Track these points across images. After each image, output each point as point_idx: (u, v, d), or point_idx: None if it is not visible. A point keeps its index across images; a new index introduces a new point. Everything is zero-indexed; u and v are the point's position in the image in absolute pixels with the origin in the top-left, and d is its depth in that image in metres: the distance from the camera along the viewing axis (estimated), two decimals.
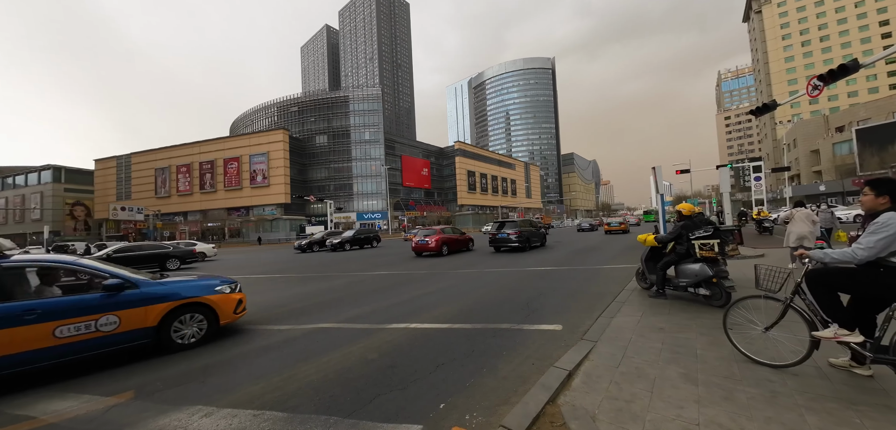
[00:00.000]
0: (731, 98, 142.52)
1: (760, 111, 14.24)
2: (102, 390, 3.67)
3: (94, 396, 3.53)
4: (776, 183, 66.92)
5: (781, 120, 74.03)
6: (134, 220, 61.63)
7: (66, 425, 3.03)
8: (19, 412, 3.24)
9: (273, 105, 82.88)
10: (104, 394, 3.56)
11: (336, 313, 6.48)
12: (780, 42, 78.85)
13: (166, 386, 3.69)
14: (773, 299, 3.30)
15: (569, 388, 3.14)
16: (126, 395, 3.53)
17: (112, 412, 3.20)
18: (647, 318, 4.97)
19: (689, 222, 5.73)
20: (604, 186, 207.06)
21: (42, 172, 73.46)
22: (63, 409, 3.29)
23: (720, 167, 15.14)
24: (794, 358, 3.12)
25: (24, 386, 3.85)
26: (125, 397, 3.49)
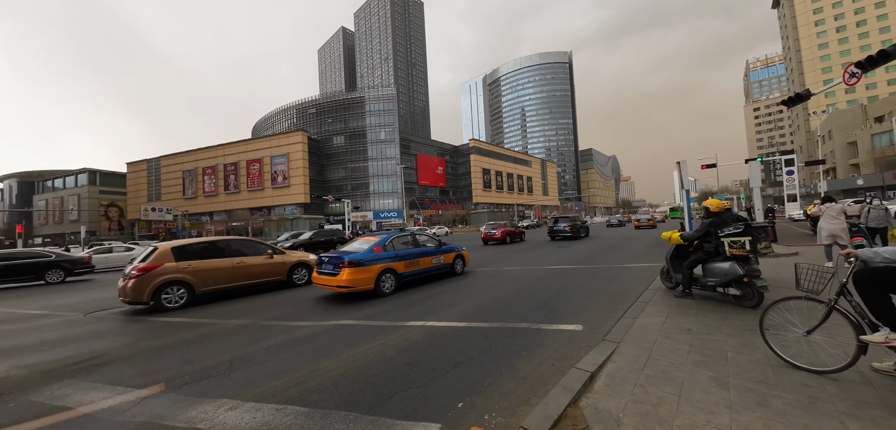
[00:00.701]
0: (760, 88, 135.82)
1: (792, 102, 13.46)
2: (135, 382, 3.83)
3: (128, 388, 3.69)
4: (810, 177, 63.47)
5: (815, 110, 69.92)
6: (163, 220, 64.62)
7: (101, 415, 3.17)
8: (57, 404, 3.42)
9: (292, 107, 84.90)
10: (136, 387, 3.72)
11: (355, 311, 6.55)
12: (813, 28, 74.43)
13: (194, 379, 3.82)
14: (816, 301, 3.10)
15: (591, 390, 3.05)
16: (157, 388, 3.67)
17: (144, 404, 3.34)
18: (673, 318, 4.79)
19: (718, 219, 5.47)
20: (624, 182, 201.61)
21: (79, 175, 77.92)
22: (98, 400, 3.45)
23: (750, 161, 14.43)
24: (838, 364, 2.93)
25: (61, 378, 4.07)
26: (156, 389, 3.64)
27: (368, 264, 7.79)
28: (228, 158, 73.05)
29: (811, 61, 74.37)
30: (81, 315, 7.66)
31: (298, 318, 6.26)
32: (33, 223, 78.60)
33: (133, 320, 6.86)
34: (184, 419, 3.00)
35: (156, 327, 6.27)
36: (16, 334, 6.36)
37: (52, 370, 4.32)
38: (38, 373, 4.26)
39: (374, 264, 7.88)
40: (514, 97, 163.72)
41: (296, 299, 8.14)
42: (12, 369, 4.45)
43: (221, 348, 4.85)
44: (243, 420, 2.92)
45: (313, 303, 7.53)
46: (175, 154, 78.88)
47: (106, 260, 19.76)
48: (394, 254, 8.44)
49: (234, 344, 4.96)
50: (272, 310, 7.06)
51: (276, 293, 8.92)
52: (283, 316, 6.46)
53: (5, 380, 4.09)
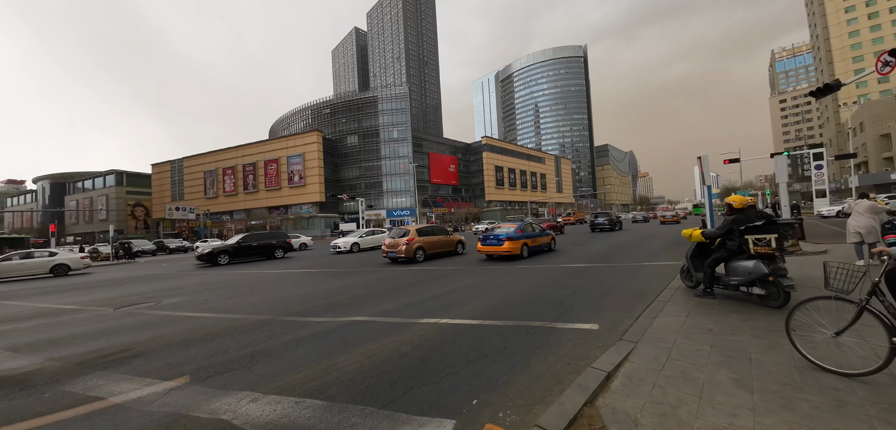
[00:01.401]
0: (786, 79, 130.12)
1: (821, 92, 12.83)
2: (162, 374, 4.00)
3: (155, 380, 3.86)
4: (840, 172, 60.51)
5: (846, 102, 66.48)
6: (187, 219, 66.84)
7: (130, 405, 3.32)
8: (90, 394, 3.60)
9: (307, 108, 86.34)
10: (163, 378, 3.88)
11: (370, 307, 6.65)
12: (843, 15, 70.58)
13: (217, 372, 3.95)
14: (846, 301, 2.97)
15: (608, 390, 3.01)
16: (182, 379, 3.82)
17: (170, 395, 3.48)
18: (693, 318, 4.67)
19: (741, 216, 5.29)
20: (641, 178, 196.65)
21: (107, 176, 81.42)
22: (128, 391, 3.62)
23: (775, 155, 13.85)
24: (869, 366, 2.80)
25: (93, 369, 4.28)
26: (181, 381, 3.78)
27: (517, 239, 12.72)
28: (247, 159, 74.95)
29: (841, 50, 70.61)
30: (111, 310, 8.02)
31: (316, 314, 6.39)
32: (65, 223, 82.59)
33: (159, 316, 7.14)
34: (208, 410, 3.12)
35: (180, 321, 6.51)
36: (49, 327, 6.72)
37: (85, 362, 4.55)
38: (71, 365, 4.49)
39: (519, 239, 12.77)
40: (527, 93, 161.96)
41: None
42: (47, 360, 4.71)
43: (243, 342, 5.00)
44: (264, 412, 3.01)
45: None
46: (197, 155, 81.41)
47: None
48: (525, 235, 13.32)
49: (255, 339, 5.11)
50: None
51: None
52: (302, 312, 6.60)
53: (41, 371, 4.33)
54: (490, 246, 12.67)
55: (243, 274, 13.81)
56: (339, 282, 10.27)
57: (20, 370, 4.39)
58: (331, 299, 7.79)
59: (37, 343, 5.62)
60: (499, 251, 12.41)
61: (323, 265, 15.38)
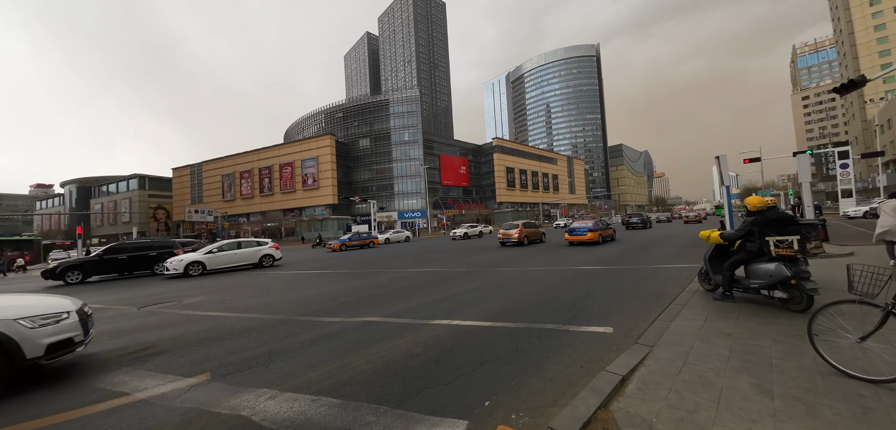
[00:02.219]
0: (809, 75, 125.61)
1: (846, 89, 12.37)
2: (184, 371, 4.14)
3: (178, 376, 4.00)
4: (867, 170, 57.98)
5: (872, 98, 63.73)
6: (205, 221, 68.71)
7: (155, 400, 3.46)
8: (117, 389, 3.76)
9: (321, 112, 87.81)
10: (185, 375, 4.02)
11: (383, 308, 6.72)
12: (868, 8, 67.60)
13: (236, 369, 4.07)
14: (871, 305, 2.88)
15: (622, 394, 2.98)
16: (203, 376, 3.95)
17: (192, 391, 3.61)
18: (711, 322, 4.57)
19: (760, 217, 5.15)
20: (657, 178, 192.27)
21: (130, 180, 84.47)
22: (152, 387, 3.76)
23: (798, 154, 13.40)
24: (895, 372, 2.70)
25: (119, 366, 4.46)
26: (202, 378, 3.91)
27: (595, 231, 18.04)
28: (263, 163, 76.64)
29: (866, 44, 67.71)
30: (135, 309, 8.33)
31: (330, 314, 6.50)
32: (90, 225, 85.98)
33: (180, 315, 7.38)
34: (228, 405, 3.22)
35: (200, 320, 6.72)
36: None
37: (111, 359, 4.75)
38: (99, 362, 4.70)
39: (595, 231, 18.03)
40: (538, 94, 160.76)
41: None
42: (76, 357, 4.93)
43: (260, 341, 5.13)
44: (282, 409, 3.09)
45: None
46: (215, 160, 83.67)
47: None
48: (598, 228, 18.51)
49: (272, 338, 5.23)
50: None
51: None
52: (317, 312, 6.73)
53: (72, 368, 4.54)
54: (576, 236, 18.23)
55: (259, 275, 14.12)
56: (352, 283, 10.41)
57: (51, 367, 4.61)
58: (344, 299, 7.91)
59: None
60: (583, 239, 17.95)
61: (335, 266, 15.58)
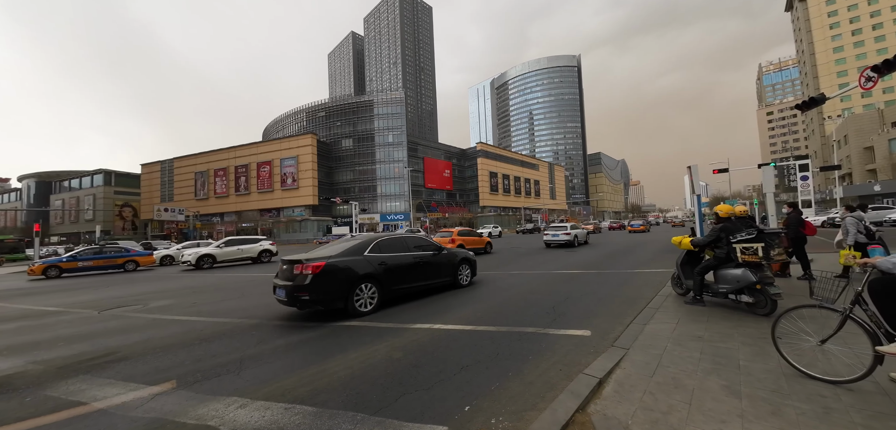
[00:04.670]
0: (773, 92, 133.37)
1: (807, 106, 13.20)
2: (147, 379, 3.91)
3: (140, 384, 3.77)
4: (825, 182, 62.02)
5: (830, 115, 68.25)
6: (176, 220, 65.80)
7: (114, 410, 3.24)
8: (72, 399, 3.51)
9: (302, 111, 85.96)
10: (148, 383, 3.79)
11: None
12: (828, 31, 72.83)
13: (205, 377, 3.88)
14: (830, 310, 3.04)
15: (599, 396, 3.02)
16: (168, 384, 3.74)
17: (156, 400, 3.40)
18: (683, 325, 4.72)
19: (729, 225, 5.39)
20: (633, 186, 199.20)
21: (94, 176, 79.88)
22: (111, 396, 3.53)
23: (762, 166, 14.16)
24: (853, 373, 2.86)
25: (76, 373, 4.17)
26: (168, 386, 3.70)
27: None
28: (239, 161, 74.20)
29: (826, 64, 72.75)
30: (96, 313, 7.84)
31: (308, 318, 6.31)
32: (50, 223, 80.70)
33: (145, 319, 6.99)
34: (195, 416, 3.05)
35: (168, 324, 6.38)
36: (33, 330, 6.54)
37: (68, 366, 4.43)
38: (54, 369, 4.37)
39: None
40: (521, 101, 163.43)
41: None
42: (29, 364, 4.58)
43: (232, 346, 4.92)
44: (253, 418, 2.96)
45: None
46: (188, 156, 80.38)
47: None
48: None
49: (245, 343, 5.03)
50: None
51: None
52: (293, 316, 6.52)
53: (22, 375, 4.21)
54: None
55: (234, 277, 13.61)
56: None
57: (1, 373, 4.26)
58: None
59: (19, 346, 5.46)
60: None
61: None
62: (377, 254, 7.08)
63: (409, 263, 7.56)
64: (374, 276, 6.72)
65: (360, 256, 6.85)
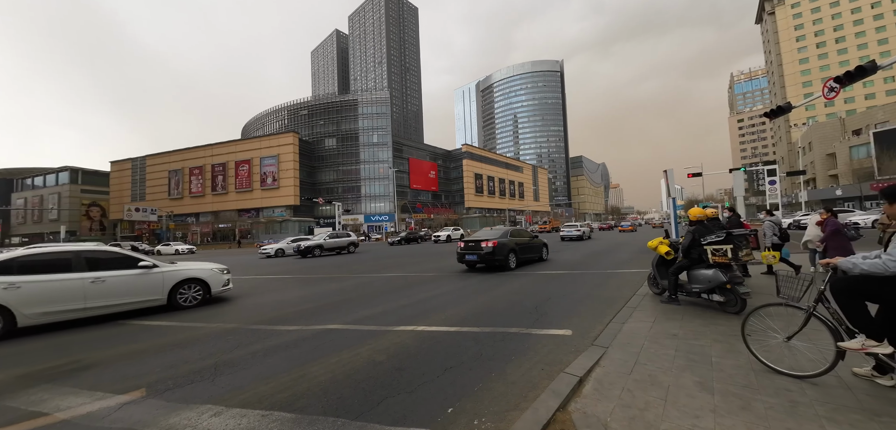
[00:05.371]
0: (744, 100, 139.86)
1: (774, 114, 13.92)
2: (115, 388, 3.72)
3: (107, 393, 3.58)
4: (791, 187, 65.37)
5: (796, 123, 72.24)
6: (147, 220, 63.10)
7: (79, 421, 3.07)
8: (33, 409, 3.30)
9: (283, 109, 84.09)
10: (116, 392, 3.61)
11: (344, 315, 6.49)
12: (795, 44, 77.11)
13: (177, 385, 3.72)
14: (795, 308, 3.19)
15: (580, 395, 3.08)
16: (137, 392, 3.57)
17: (124, 409, 3.24)
18: (659, 324, 4.86)
19: (701, 227, 5.60)
20: (613, 189, 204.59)
21: (59, 173, 75.63)
22: (76, 405, 3.34)
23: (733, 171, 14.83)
24: (817, 368, 3.01)
25: (38, 382, 3.93)
26: (136, 394, 3.53)
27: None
28: (217, 159, 71.83)
29: (792, 75, 76.94)
30: None
31: (287, 322, 6.17)
32: (11, 222, 75.88)
33: (113, 325, 6.66)
34: (166, 425, 2.93)
35: (137, 331, 6.10)
36: None
37: (29, 374, 4.17)
38: (13, 377, 4.11)
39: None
40: (506, 104, 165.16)
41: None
42: None
43: (206, 352, 4.74)
44: (228, 427, 2.86)
45: (315, 303, 7.43)
46: (161, 153, 77.24)
47: None
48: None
49: (220, 348, 4.86)
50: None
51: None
52: (272, 320, 6.36)
53: None
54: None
55: None
56: (312, 289, 9.98)
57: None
58: (303, 306, 7.55)
59: None
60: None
61: (293, 272, 14.90)
62: (512, 238, 12.00)
63: (525, 243, 12.66)
64: (514, 249, 11.83)
65: (507, 239, 11.74)
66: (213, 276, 8.16)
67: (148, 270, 7.21)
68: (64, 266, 6.38)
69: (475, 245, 11.38)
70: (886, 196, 2.81)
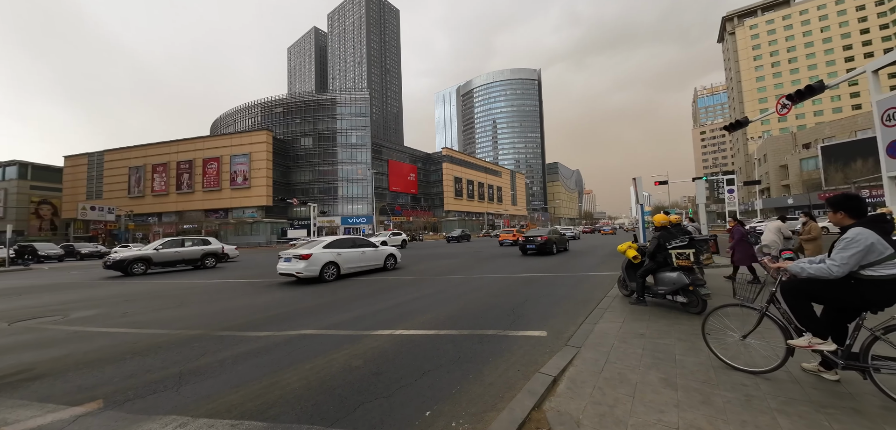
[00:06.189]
0: (706, 114, 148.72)
1: (733, 127, 14.86)
2: (69, 399, 3.46)
3: (60, 405, 3.33)
4: (748, 195, 69.99)
5: (753, 136, 77.78)
6: (104, 220, 59.03)
7: None
8: None
9: (257, 105, 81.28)
10: (70, 403, 3.36)
11: (320, 320, 6.34)
12: (752, 62, 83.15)
13: (137, 395, 3.51)
14: (750, 308, 3.43)
15: (554, 393, 3.17)
16: (94, 404, 3.34)
17: (79, 422, 3.03)
18: (628, 324, 5.08)
19: (666, 232, 5.91)
20: (586, 195, 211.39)
21: (7, 167, 69.45)
22: (25, 419, 3.08)
23: (696, 179, 15.75)
24: (769, 364, 3.24)
25: None
26: (93, 406, 3.31)
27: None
28: (183, 156, 68.32)
29: (750, 91, 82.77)
30: (6, 325, 6.81)
31: (258, 328, 5.96)
32: None
33: (67, 331, 6.19)
34: None
35: (93, 337, 5.70)
36: None
37: None
38: None
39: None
40: (486, 109, 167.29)
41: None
42: None
43: (170, 360, 4.50)
44: None
45: (285, 307, 7.20)
46: (121, 149, 72.60)
47: None
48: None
49: (184, 356, 4.62)
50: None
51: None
52: (242, 326, 6.12)
53: None
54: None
55: (172, 284, 12.49)
56: (285, 293, 9.68)
57: None
58: (276, 311, 7.32)
59: None
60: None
61: (267, 275, 14.40)
62: (553, 235, 18.86)
63: (557, 239, 19.28)
64: (556, 241, 18.90)
65: (551, 235, 18.63)
66: (398, 252, 14.67)
67: (377, 248, 13.34)
68: (351, 245, 12.50)
69: (533, 239, 18.04)
70: (831, 205, 3.07)
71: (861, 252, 2.69)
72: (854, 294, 2.80)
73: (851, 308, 2.88)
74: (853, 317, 2.91)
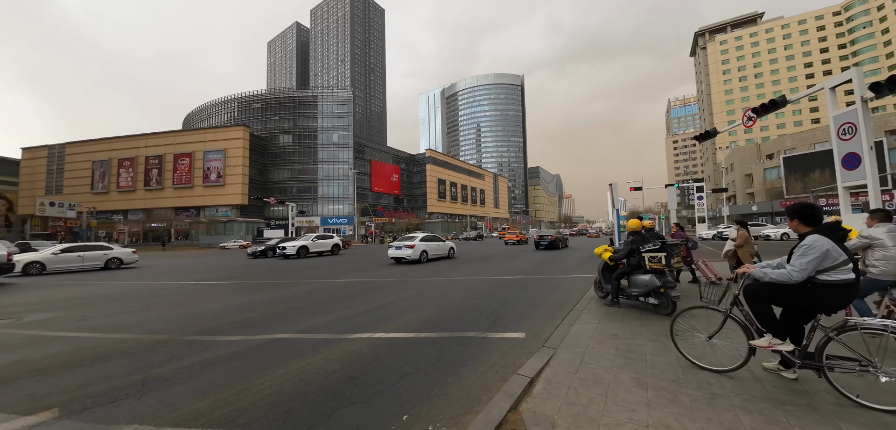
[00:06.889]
0: (679, 124, 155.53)
1: (703, 137, 15.63)
2: (21, 408, 3.22)
3: (11, 415, 3.09)
4: (716, 202, 73.53)
5: (721, 146, 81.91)
6: (64, 217, 55.48)
7: None
8: None
9: (233, 100, 78.74)
10: (22, 412, 3.12)
11: (295, 323, 6.18)
12: (722, 76, 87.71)
13: (96, 403, 3.31)
14: (715, 310, 3.59)
15: (530, 395, 3.21)
16: (49, 413, 3.12)
17: None
18: (603, 325, 5.22)
19: (639, 237, 6.12)
20: (566, 199, 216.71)
21: None
22: None
23: (668, 186, 16.43)
24: (733, 364, 3.40)
25: None
26: (48, 415, 3.09)
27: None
28: (152, 150, 65.23)
29: (719, 103, 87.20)
30: None
31: (229, 332, 5.74)
32: None
33: (19, 335, 5.77)
34: None
35: (48, 342, 5.33)
36: None
37: None
38: None
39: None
40: (470, 112, 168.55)
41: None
42: None
43: (132, 366, 4.26)
44: None
45: (268, 311, 6.96)
46: (84, 141, 68.61)
47: None
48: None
49: (148, 362, 4.39)
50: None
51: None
52: (212, 330, 5.88)
53: None
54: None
55: (136, 286, 11.88)
56: (259, 295, 9.39)
57: None
58: (249, 314, 7.07)
59: None
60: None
61: (240, 277, 13.92)
62: (560, 235, 26.21)
63: (560, 237, 25.36)
64: (563, 239, 26.06)
65: (559, 235, 25.94)
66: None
67: (443, 242, 19.02)
68: (433, 240, 18.23)
69: (546, 237, 24.23)
70: (789, 213, 3.27)
71: (818, 258, 2.88)
72: (810, 298, 2.99)
73: (807, 310, 3.07)
74: (809, 319, 3.09)
